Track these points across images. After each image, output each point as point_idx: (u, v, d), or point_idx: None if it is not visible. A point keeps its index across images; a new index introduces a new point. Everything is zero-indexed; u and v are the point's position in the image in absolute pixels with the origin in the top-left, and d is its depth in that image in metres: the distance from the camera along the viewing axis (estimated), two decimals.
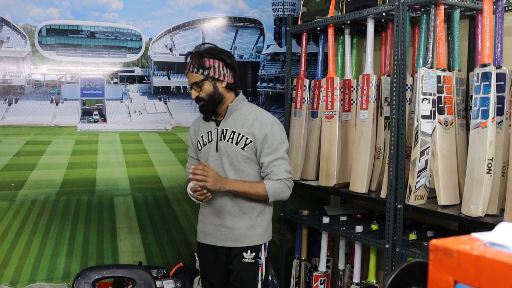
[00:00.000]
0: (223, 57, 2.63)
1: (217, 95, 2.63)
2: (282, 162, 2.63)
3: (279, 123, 2.70)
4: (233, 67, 2.67)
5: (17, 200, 3.17)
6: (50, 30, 3.25)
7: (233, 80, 2.68)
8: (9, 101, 3.17)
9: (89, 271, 2.72)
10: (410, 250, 2.73)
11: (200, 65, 2.60)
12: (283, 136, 2.67)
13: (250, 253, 2.69)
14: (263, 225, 2.72)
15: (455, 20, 2.76)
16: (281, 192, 2.63)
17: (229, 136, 2.65)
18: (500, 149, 2.37)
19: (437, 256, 0.83)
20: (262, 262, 2.72)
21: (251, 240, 2.69)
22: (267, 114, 2.71)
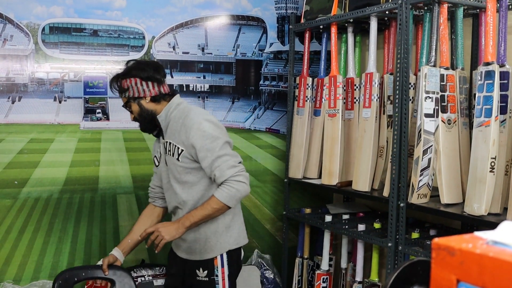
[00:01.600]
0: (138, 73, 2.52)
1: (146, 112, 2.54)
2: (222, 161, 2.41)
3: (208, 120, 2.47)
4: (154, 77, 2.54)
5: (20, 198, 3.18)
6: (54, 28, 3.25)
7: (159, 90, 2.55)
8: (12, 99, 3.17)
9: (67, 273, 2.70)
10: (412, 248, 2.73)
11: (119, 89, 2.56)
12: (214, 132, 2.44)
13: (202, 271, 2.56)
14: (217, 235, 2.55)
15: (458, 19, 2.75)
16: (235, 192, 2.41)
17: (169, 148, 2.54)
18: (503, 148, 2.36)
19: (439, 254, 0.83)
20: (219, 279, 2.55)
21: (202, 254, 2.56)
22: (192, 114, 2.48)
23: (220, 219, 2.55)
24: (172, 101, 2.57)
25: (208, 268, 2.56)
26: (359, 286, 3.20)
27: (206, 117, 2.50)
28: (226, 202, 2.42)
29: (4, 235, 3.14)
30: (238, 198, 2.46)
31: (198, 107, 2.58)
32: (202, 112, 2.59)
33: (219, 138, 2.44)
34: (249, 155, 3.81)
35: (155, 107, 2.55)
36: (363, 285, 3.19)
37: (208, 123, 2.45)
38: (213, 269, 2.56)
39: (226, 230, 2.57)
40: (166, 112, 2.55)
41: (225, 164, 2.41)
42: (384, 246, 2.87)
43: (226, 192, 2.41)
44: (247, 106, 3.81)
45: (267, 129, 3.87)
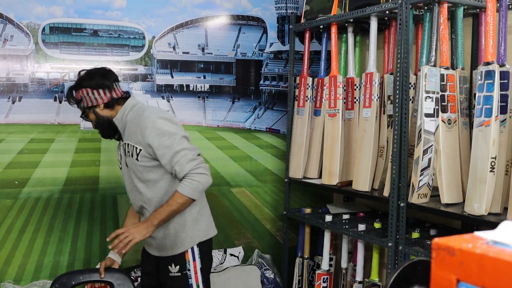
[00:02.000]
0: (88, 83, 2.55)
1: (102, 119, 2.59)
2: (180, 156, 2.43)
3: (162, 117, 2.50)
4: (104, 84, 2.56)
5: (20, 197, 3.18)
6: (54, 28, 3.26)
7: (111, 96, 2.57)
8: (12, 99, 3.18)
9: (65, 277, 2.70)
10: (413, 248, 2.73)
11: (73, 100, 2.61)
12: (170, 128, 2.47)
13: (174, 266, 2.59)
14: (181, 232, 2.58)
15: (458, 18, 2.75)
16: (197, 185, 2.44)
17: (128, 149, 2.57)
18: (504, 148, 2.36)
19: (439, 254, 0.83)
20: (192, 273, 2.60)
21: (173, 249, 2.59)
22: (146, 113, 2.51)
23: (187, 213, 2.58)
24: (126, 104, 2.60)
25: (180, 263, 2.60)
26: (359, 286, 3.20)
27: (160, 114, 2.53)
28: (190, 195, 2.45)
29: (4, 235, 3.14)
30: (200, 189, 2.48)
31: (153, 106, 2.64)
32: (156, 110, 2.61)
33: (175, 134, 2.47)
34: (249, 155, 3.81)
35: (110, 112, 2.60)
36: (364, 285, 3.18)
37: (163, 120, 2.49)
38: (185, 263, 2.60)
39: (194, 223, 2.61)
40: (121, 115, 2.58)
41: (184, 159, 2.44)
42: (385, 246, 2.87)
43: (188, 185, 2.44)
44: (247, 106, 3.81)
45: (267, 129, 3.87)
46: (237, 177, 3.79)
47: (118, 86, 2.63)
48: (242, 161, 3.78)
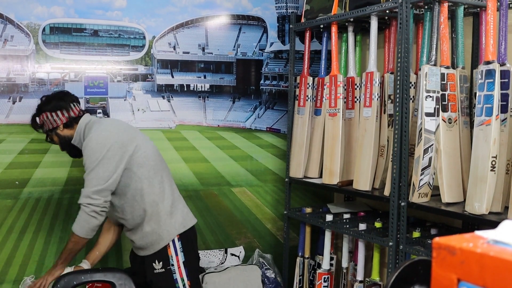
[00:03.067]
0: (45, 107, 2.70)
1: (65, 139, 2.72)
2: (85, 184, 2.56)
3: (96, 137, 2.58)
4: (60, 105, 2.70)
5: (21, 198, 3.18)
6: (54, 29, 3.26)
7: (69, 116, 2.70)
8: (13, 99, 3.18)
9: (66, 277, 2.71)
10: (413, 248, 2.73)
11: (36, 126, 2.76)
12: (94, 153, 2.55)
13: (158, 263, 2.67)
14: (157, 228, 2.66)
15: (459, 17, 2.75)
16: (83, 221, 2.55)
17: None
18: (504, 147, 2.36)
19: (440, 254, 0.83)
20: (175, 268, 2.67)
21: (155, 246, 2.67)
22: (90, 133, 2.62)
23: (161, 208, 2.66)
24: (80, 123, 2.71)
25: (163, 259, 2.66)
26: (360, 285, 3.20)
27: (96, 132, 2.61)
28: (78, 233, 2.57)
29: (5, 235, 3.14)
30: (88, 228, 2.55)
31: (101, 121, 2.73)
32: (96, 128, 2.65)
33: (97, 159, 2.54)
34: (249, 154, 3.81)
35: (70, 132, 2.72)
36: (364, 284, 3.18)
37: (94, 141, 2.57)
38: (168, 259, 2.66)
39: (169, 217, 2.68)
40: (78, 135, 2.70)
41: (84, 190, 2.55)
42: (385, 245, 2.87)
43: (77, 219, 2.57)
44: (248, 105, 3.81)
45: (267, 129, 3.87)
46: (238, 176, 3.79)
47: (76, 106, 2.75)
48: (242, 160, 3.78)
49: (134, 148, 2.61)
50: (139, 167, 2.62)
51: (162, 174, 2.71)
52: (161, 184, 2.69)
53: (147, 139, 2.78)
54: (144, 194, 2.64)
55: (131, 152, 2.60)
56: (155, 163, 2.70)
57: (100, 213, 2.55)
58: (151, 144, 2.76)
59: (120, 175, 2.58)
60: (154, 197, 2.66)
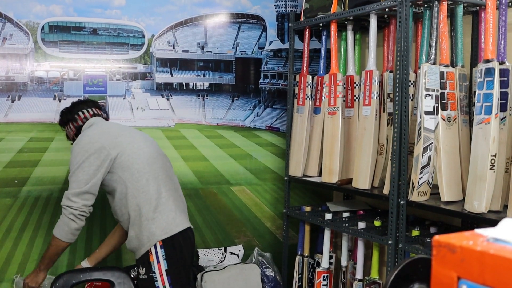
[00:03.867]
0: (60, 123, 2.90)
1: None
2: (69, 187, 2.63)
3: (77, 144, 2.67)
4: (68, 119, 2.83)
5: (20, 196, 3.18)
6: (53, 27, 3.25)
7: (76, 126, 2.82)
8: (12, 98, 3.17)
9: (66, 276, 2.71)
10: (413, 246, 2.73)
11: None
12: (74, 158, 2.63)
13: (141, 268, 2.67)
14: (138, 233, 2.65)
15: (458, 16, 2.75)
16: (62, 224, 2.62)
17: None
18: (504, 145, 2.36)
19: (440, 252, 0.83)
20: (157, 275, 2.62)
21: (139, 251, 2.68)
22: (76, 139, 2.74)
23: (143, 212, 2.64)
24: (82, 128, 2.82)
25: (145, 265, 2.65)
26: (359, 284, 3.20)
27: (81, 137, 2.70)
28: (58, 236, 2.62)
29: (4, 234, 3.14)
30: (66, 231, 2.60)
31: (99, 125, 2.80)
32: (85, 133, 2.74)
33: (79, 162, 2.61)
34: (249, 153, 3.81)
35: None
36: (364, 283, 3.19)
37: (75, 146, 2.66)
38: (150, 266, 2.63)
39: (151, 222, 2.63)
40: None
41: (66, 193, 2.62)
42: (385, 244, 2.87)
43: (56, 227, 2.64)
44: (247, 104, 3.81)
45: (267, 127, 3.87)
46: (237, 175, 3.79)
47: (84, 112, 2.83)
48: (241, 159, 3.78)
49: (118, 153, 2.64)
50: (123, 171, 2.64)
51: (147, 176, 2.67)
52: (145, 187, 2.65)
53: (138, 138, 2.78)
54: (128, 198, 2.64)
55: (114, 156, 2.63)
56: (142, 166, 2.66)
57: (79, 217, 2.59)
58: (141, 144, 2.74)
59: (101, 179, 2.62)
60: (137, 201, 2.64)
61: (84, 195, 2.58)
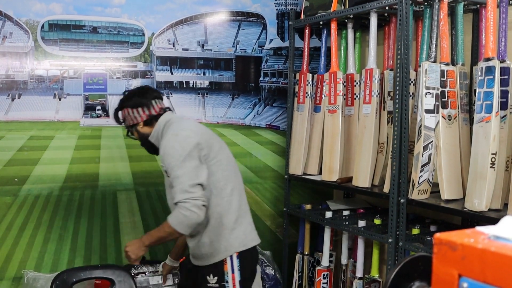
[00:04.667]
0: (127, 103, 2.67)
1: (144, 136, 2.67)
2: (177, 182, 2.42)
3: (177, 135, 2.50)
4: (141, 102, 2.65)
5: (20, 195, 3.18)
6: (53, 25, 3.25)
7: (149, 114, 2.64)
8: (12, 96, 3.17)
9: (66, 274, 2.70)
10: (413, 244, 2.73)
11: (118, 120, 2.75)
12: (179, 150, 2.45)
13: (212, 277, 2.56)
14: (220, 238, 2.55)
15: (458, 14, 2.75)
16: (183, 218, 2.38)
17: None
18: (504, 144, 2.36)
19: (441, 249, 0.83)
20: (230, 285, 2.55)
21: (210, 258, 2.57)
22: (169, 132, 2.54)
23: (224, 221, 2.55)
24: (159, 121, 2.64)
25: (218, 274, 2.55)
26: (359, 282, 3.20)
27: (176, 131, 2.53)
28: (175, 226, 2.42)
29: (4, 232, 3.14)
30: (187, 224, 2.41)
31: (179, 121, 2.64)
32: (178, 128, 2.57)
33: (181, 156, 2.44)
34: (249, 151, 3.81)
35: (150, 129, 2.66)
36: (364, 281, 3.19)
37: (175, 140, 2.48)
38: (223, 275, 2.55)
39: (229, 232, 2.56)
40: (156, 133, 2.64)
41: (179, 187, 2.41)
42: (385, 242, 2.87)
43: (175, 216, 2.41)
44: (247, 102, 3.80)
45: (267, 126, 3.87)
46: None
47: (157, 103, 2.68)
48: (242, 157, 3.78)
49: (210, 154, 2.53)
50: (210, 175, 2.51)
51: (232, 185, 2.60)
52: (229, 196, 2.58)
53: (224, 146, 2.69)
54: (211, 204, 2.52)
55: (207, 155, 2.52)
56: (228, 173, 2.60)
57: (201, 208, 2.40)
58: (226, 152, 2.67)
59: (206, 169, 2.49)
60: (219, 209, 2.55)
61: (198, 186, 2.43)
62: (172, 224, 2.42)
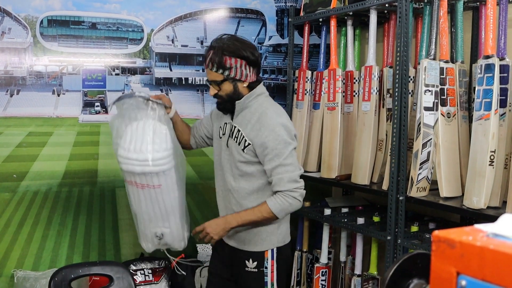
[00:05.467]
0: (247, 55, 2.41)
1: (237, 95, 2.46)
2: (284, 170, 2.38)
3: (285, 123, 2.43)
4: (257, 63, 2.47)
5: (19, 191, 3.18)
6: (52, 21, 3.24)
7: (256, 78, 2.49)
8: (10, 92, 3.16)
9: (64, 270, 2.70)
10: (411, 242, 2.73)
11: (220, 65, 2.40)
12: (287, 137, 2.40)
13: (252, 262, 2.55)
14: (268, 230, 2.53)
15: (458, 12, 2.74)
16: (288, 206, 2.40)
17: (235, 134, 2.49)
18: (503, 141, 2.36)
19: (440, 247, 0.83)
20: (268, 271, 2.55)
21: (251, 246, 2.55)
22: (271, 113, 2.43)
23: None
24: (256, 90, 2.48)
25: (258, 259, 2.54)
26: (358, 279, 3.20)
27: (283, 120, 2.44)
28: (277, 213, 2.40)
29: (3, 228, 3.14)
30: (288, 212, 2.45)
31: (274, 103, 2.56)
32: (280, 112, 2.50)
33: (290, 145, 2.40)
34: None
35: (247, 91, 2.47)
36: (362, 278, 3.19)
37: (284, 128, 2.40)
38: (263, 261, 2.54)
39: (277, 227, 2.56)
40: (245, 99, 2.47)
41: (287, 175, 2.38)
42: (383, 240, 2.87)
43: (280, 203, 2.39)
44: None
45: None
46: None
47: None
48: None
49: None
50: None
51: None
52: None
53: None
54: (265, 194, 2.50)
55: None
56: None
57: (303, 197, 2.44)
58: None
59: None
60: None
61: (301, 177, 2.45)
62: (274, 211, 2.39)
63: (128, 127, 2.54)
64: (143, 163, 2.50)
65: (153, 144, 2.50)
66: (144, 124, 2.52)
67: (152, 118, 2.53)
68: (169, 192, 2.62)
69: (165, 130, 2.55)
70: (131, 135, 2.52)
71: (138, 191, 2.60)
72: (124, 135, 2.54)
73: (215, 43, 2.44)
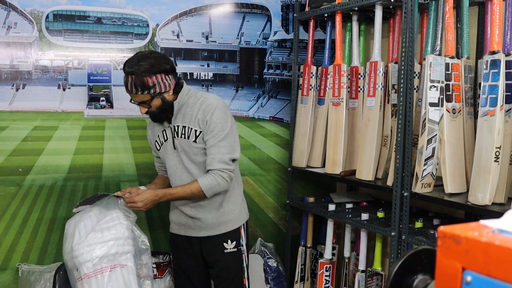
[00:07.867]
0: (164, 67, 2.54)
1: (167, 104, 2.62)
2: (217, 151, 2.57)
3: (223, 106, 2.63)
4: (173, 68, 2.62)
5: (24, 185, 3.19)
6: (57, 16, 3.24)
7: (176, 81, 2.65)
8: (16, 86, 3.17)
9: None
10: (416, 238, 2.73)
11: (144, 86, 2.52)
12: (224, 120, 2.59)
13: (230, 243, 2.73)
14: (235, 209, 2.76)
15: (464, 7, 2.73)
16: (216, 185, 2.58)
17: (181, 132, 2.66)
18: (508, 137, 2.35)
19: (445, 242, 0.83)
20: (244, 249, 2.77)
21: (228, 225, 2.73)
22: (211, 99, 2.63)
23: (237, 190, 2.78)
24: (185, 87, 2.68)
25: (236, 239, 2.75)
26: (362, 275, 3.21)
27: (221, 103, 2.63)
28: (206, 191, 2.58)
29: (8, 222, 3.15)
30: (216, 191, 2.61)
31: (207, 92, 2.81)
32: (217, 97, 2.69)
33: (226, 128, 2.59)
34: (252, 143, 3.81)
35: (174, 97, 2.66)
36: (366, 274, 3.19)
37: (222, 110, 2.60)
38: (239, 239, 2.75)
39: (243, 201, 2.84)
40: (180, 99, 2.65)
41: (218, 156, 2.57)
42: (388, 235, 2.88)
43: (209, 181, 2.57)
44: (251, 94, 3.80)
45: (271, 118, 3.87)
46: (240, 165, 3.76)
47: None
48: (245, 149, 3.78)
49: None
50: None
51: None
52: (238, 170, 2.81)
53: None
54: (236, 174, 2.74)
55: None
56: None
57: (231, 179, 2.63)
58: None
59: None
60: (239, 180, 2.83)
61: (235, 160, 2.65)
62: (204, 188, 2.57)
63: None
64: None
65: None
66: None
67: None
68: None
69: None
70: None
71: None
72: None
73: (132, 68, 2.53)
